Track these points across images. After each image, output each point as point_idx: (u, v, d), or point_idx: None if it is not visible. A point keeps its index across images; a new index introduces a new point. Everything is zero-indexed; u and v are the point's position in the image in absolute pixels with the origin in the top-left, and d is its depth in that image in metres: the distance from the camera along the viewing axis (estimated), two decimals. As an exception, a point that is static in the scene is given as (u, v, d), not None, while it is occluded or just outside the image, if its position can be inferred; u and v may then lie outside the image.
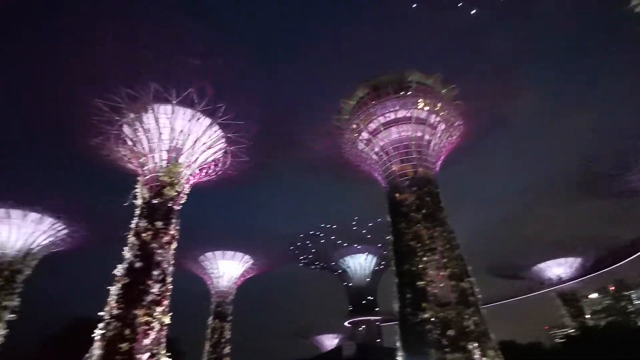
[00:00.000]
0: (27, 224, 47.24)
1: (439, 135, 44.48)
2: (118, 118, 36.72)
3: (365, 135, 45.71)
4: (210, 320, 61.72)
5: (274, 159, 46.37)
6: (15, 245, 46.69)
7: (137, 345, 28.43)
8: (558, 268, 77.98)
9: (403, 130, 43.63)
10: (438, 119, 43.82)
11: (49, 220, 48.39)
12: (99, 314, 30.31)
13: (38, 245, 48.48)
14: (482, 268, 76.87)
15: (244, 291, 74.26)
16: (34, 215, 47.48)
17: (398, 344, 36.14)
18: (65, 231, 50.48)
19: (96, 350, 28.24)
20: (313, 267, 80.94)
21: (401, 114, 43.41)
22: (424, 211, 39.44)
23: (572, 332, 67.20)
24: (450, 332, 32.47)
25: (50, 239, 49.66)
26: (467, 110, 44.25)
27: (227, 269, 64.96)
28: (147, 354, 28.86)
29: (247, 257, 66.29)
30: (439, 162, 46.35)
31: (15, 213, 46.64)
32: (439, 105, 43.27)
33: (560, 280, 77.44)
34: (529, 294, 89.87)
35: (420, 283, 35.54)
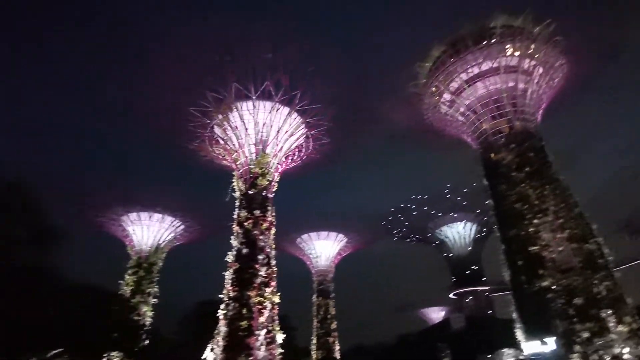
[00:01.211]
0: (153, 223, 55.28)
1: (536, 81, 39.04)
2: (209, 121, 40.13)
3: (447, 96, 42.42)
4: (314, 298, 65.20)
5: (356, 136, 45.98)
6: (147, 242, 55.08)
7: (254, 322, 31.33)
8: None
9: (491, 83, 39.33)
10: (533, 62, 38.40)
11: (169, 219, 55.95)
12: (219, 296, 34.17)
13: (164, 241, 56.38)
14: (613, 226, 66.42)
15: (348, 269, 76.46)
16: (157, 216, 55.27)
17: (514, 315, 33.60)
18: (182, 227, 57.82)
19: (222, 327, 31.95)
20: (408, 240, 79.39)
21: (486, 65, 39.08)
22: (527, 169, 35.32)
23: None
24: (578, 301, 28.89)
25: (172, 234, 57.38)
26: (569, 46, 37.83)
27: (323, 249, 67.51)
28: (264, 330, 31.69)
29: (340, 236, 67.89)
30: (540, 112, 40.86)
31: (144, 215, 54.82)
32: (533, 46, 37.78)
33: None
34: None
35: (533, 248, 32.07)
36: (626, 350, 27.00)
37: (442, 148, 54.74)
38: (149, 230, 55.21)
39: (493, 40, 37.64)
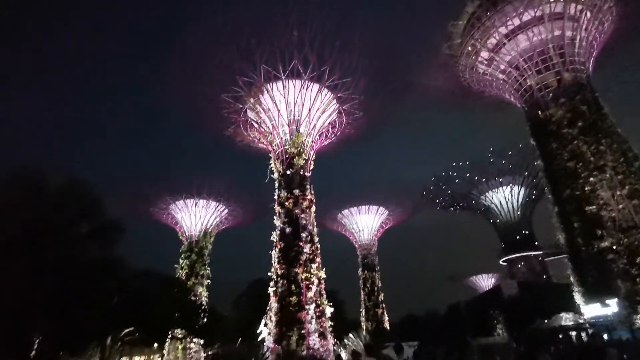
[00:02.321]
0: (199, 209, 57.85)
1: (584, 27, 35.62)
2: (241, 106, 40.66)
3: (484, 54, 39.91)
4: (359, 271, 66.05)
5: (390, 107, 44.62)
6: (196, 227, 57.94)
7: (304, 298, 32.44)
8: None
9: (534, 34, 36.44)
10: (580, 7, 34.97)
11: (213, 204, 58.25)
12: (268, 274, 35.55)
13: (210, 225, 58.97)
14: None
15: (395, 241, 75.46)
16: (202, 202, 57.69)
17: (572, 278, 32.14)
18: (226, 211, 60.07)
19: (273, 303, 33.41)
20: (452, 209, 77.41)
21: (528, 15, 36.13)
22: (580, 124, 32.79)
23: None
24: (641, 260, 27.16)
25: (218, 218, 59.82)
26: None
27: (365, 223, 67.67)
28: (313, 304, 32.74)
29: (381, 209, 67.58)
30: (592, 61, 37.43)
31: (190, 202, 57.48)
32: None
33: None
34: None
35: (590, 208, 30.12)
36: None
37: (483, 111, 52.05)
38: (196, 216, 57.92)
39: (535, -14, 34.56)
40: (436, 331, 39.18)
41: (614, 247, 28.45)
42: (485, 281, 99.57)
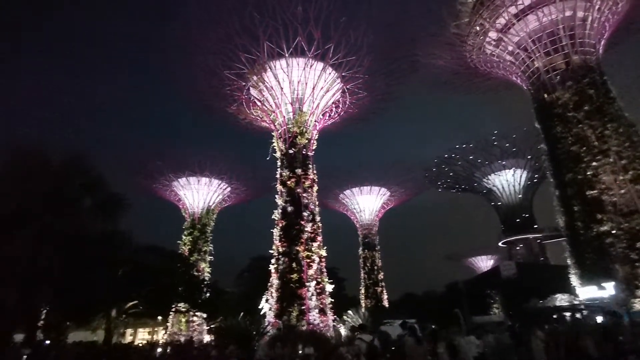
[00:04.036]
0: (201, 187, 58.13)
1: (597, 7, 34.61)
2: (244, 83, 40.22)
3: (493, 35, 38.99)
4: (360, 251, 66.90)
5: (394, 86, 44.05)
6: (199, 205, 58.44)
7: (304, 275, 33.06)
8: None
9: (544, 14, 35.47)
10: (593, -15, 33.93)
11: (215, 182, 58.48)
12: (270, 251, 36.08)
13: (213, 203, 59.39)
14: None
15: (396, 220, 75.33)
16: (205, 179, 57.90)
17: (569, 261, 32.54)
18: (228, 189, 60.39)
19: (274, 280, 34.10)
20: (454, 190, 77.50)
21: (539, -6, 35.09)
22: (586, 108, 32.37)
23: None
24: (640, 244, 27.41)
25: (220, 196, 60.20)
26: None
27: (366, 203, 67.99)
28: (314, 282, 33.40)
29: (383, 189, 67.73)
30: (603, 43, 36.57)
31: (192, 179, 57.69)
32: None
33: None
34: None
35: (592, 192, 30.15)
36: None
37: (488, 92, 51.36)
38: (198, 194, 58.30)
39: (547, -37, 33.41)
40: (434, 309, 40.02)
41: (613, 231, 28.66)
42: (484, 262, 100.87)
